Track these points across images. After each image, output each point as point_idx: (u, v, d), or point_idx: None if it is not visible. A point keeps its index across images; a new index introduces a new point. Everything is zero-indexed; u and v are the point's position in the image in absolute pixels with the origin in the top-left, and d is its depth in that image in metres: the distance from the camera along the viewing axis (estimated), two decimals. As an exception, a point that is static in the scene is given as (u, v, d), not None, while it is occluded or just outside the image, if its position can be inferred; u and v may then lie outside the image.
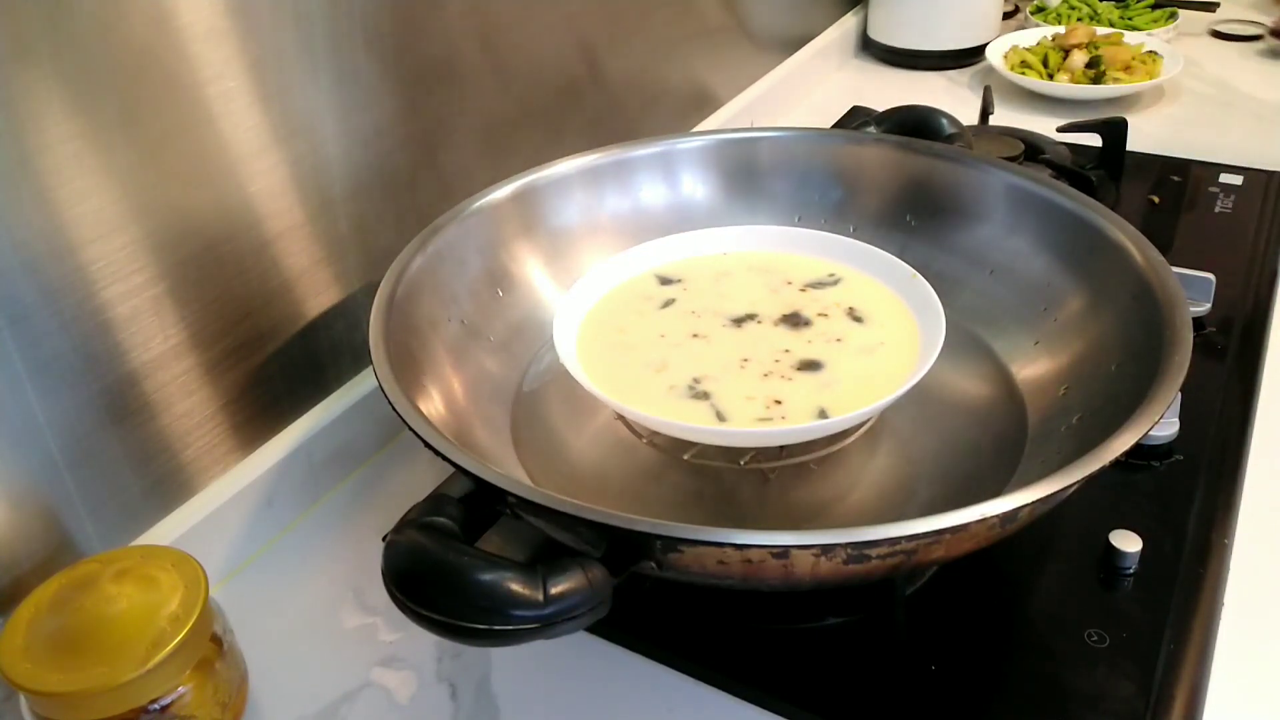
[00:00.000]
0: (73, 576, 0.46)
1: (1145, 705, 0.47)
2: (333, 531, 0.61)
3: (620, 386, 0.53)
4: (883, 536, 0.39)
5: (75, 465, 0.50)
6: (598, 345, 0.57)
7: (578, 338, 0.57)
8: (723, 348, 0.56)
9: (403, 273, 0.57)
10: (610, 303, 0.60)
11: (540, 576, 0.38)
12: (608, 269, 0.62)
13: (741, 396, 0.52)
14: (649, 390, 0.53)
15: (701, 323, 0.58)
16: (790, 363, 0.55)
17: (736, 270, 0.63)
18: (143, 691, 0.43)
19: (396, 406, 0.47)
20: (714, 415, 0.51)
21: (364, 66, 0.60)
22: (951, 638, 0.51)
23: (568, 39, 0.79)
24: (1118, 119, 0.92)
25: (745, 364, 0.55)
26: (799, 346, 0.56)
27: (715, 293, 0.61)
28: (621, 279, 0.62)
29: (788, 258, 0.64)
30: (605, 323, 0.59)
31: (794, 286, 0.61)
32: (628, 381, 0.54)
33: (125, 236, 0.49)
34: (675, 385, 0.53)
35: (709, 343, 0.57)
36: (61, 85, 0.45)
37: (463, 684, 0.51)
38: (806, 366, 0.54)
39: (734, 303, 0.60)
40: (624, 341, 0.57)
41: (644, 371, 0.55)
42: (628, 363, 0.55)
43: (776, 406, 0.52)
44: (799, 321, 0.58)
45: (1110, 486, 0.59)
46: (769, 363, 0.55)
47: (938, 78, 1.22)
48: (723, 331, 0.57)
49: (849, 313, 0.58)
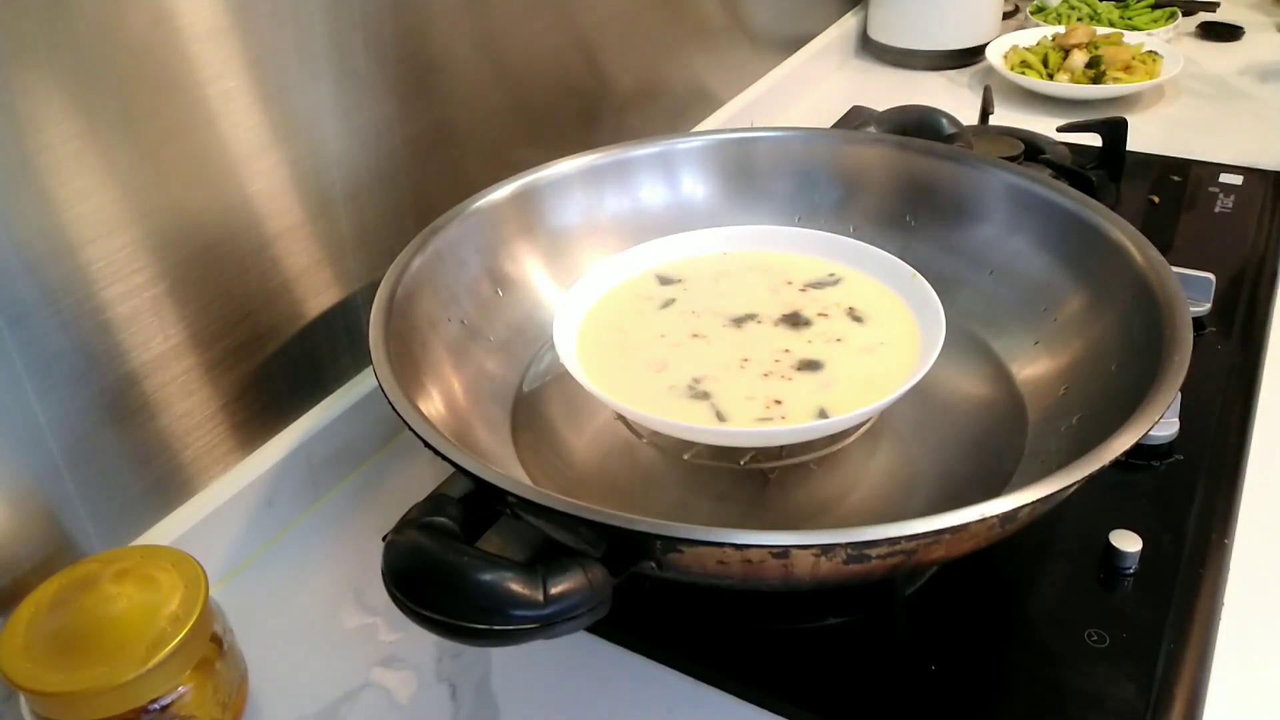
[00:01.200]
0: (73, 576, 0.46)
1: (1145, 705, 0.47)
2: (333, 531, 0.61)
3: (620, 386, 0.53)
4: (883, 536, 0.39)
5: (75, 465, 0.50)
6: (598, 345, 0.57)
7: (578, 337, 0.57)
8: (723, 348, 0.56)
9: (403, 273, 0.57)
10: (610, 303, 0.60)
11: (540, 576, 0.38)
12: (607, 268, 0.62)
13: (741, 396, 0.52)
14: (649, 390, 0.53)
15: (701, 323, 0.58)
16: (790, 363, 0.55)
17: (736, 270, 0.63)
18: (143, 691, 0.43)
19: (396, 406, 0.47)
20: (714, 415, 0.51)
21: (364, 66, 0.60)
22: (951, 638, 0.51)
23: (568, 39, 0.78)
24: (1118, 119, 0.92)
25: (745, 364, 0.55)
26: (799, 346, 0.56)
27: (715, 292, 0.61)
28: (621, 279, 0.62)
29: (788, 258, 0.64)
30: (605, 323, 0.59)
31: (794, 286, 0.61)
32: (628, 381, 0.54)
33: (125, 236, 0.49)
34: (675, 385, 0.53)
35: (709, 343, 0.56)
36: (61, 85, 0.45)
37: (463, 684, 0.51)
38: (806, 366, 0.54)
39: (734, 303, 0.60)
40: (624, 341, 0.57)
41: (644, 371, 0.54)
42: (628, 363, 0.55)
43: (776, 406, 0.52)
44: (799, 321, 0.58)
45: (1110, 486, 0.59)
46: (769, 363, 0.55)
47: (938, 78, 1.22)
48: (723, 331, 0.57)
49: (849, 313, 0.58)
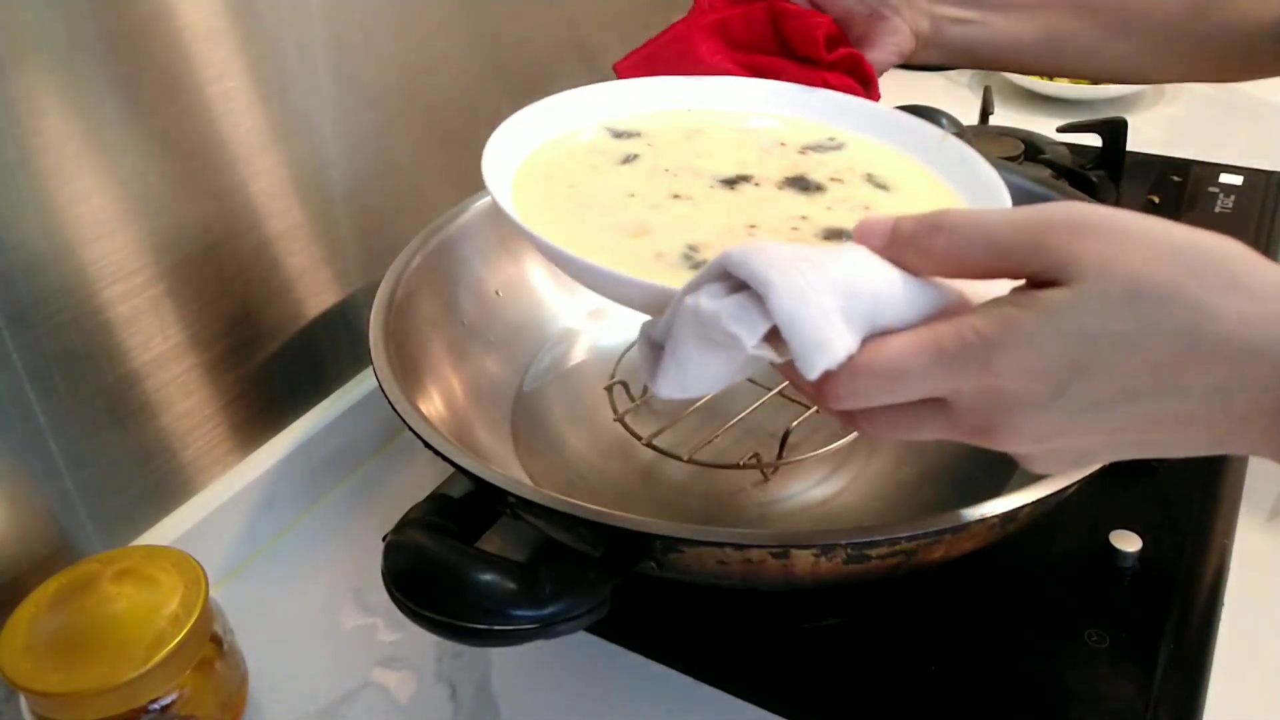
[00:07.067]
0: (73, 576, 0.46)
1: (1145, 705, 0.47)
2: (333, 531, 0.61)
3: (591, 252, 0.39)
4: (883, 536, 0.39)
5: (75, 465, 0.50)
6: (543, 203, 0.44)
7: (513, 192, 0.45)
8: (717, 212, 0.45)
9: (403, 273, 0.57)
10: (548, 155, 0.48)
11: (540, 577, 0.38)
12: (537, 112, 0.50)
13: None
14: (630, 258, 0.41)
15: (680, 182, 0.47)
16: (812, 230, 0.43)
17: (711, 129, 0.52)
18: (143, 691, 0.43)
19: (396, 406, 0.47)
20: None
21: (364, 66, 0.60)
22: (951, 638, 0.51)
23: (568, 39, 0.78)
24: (1118, 119, 0.92)
25: (753, 230, 0.43)
26: (817, 214, 0.45)
27: (689, 151, 0.50)
28: (559, 130, 0.50)
29: (772, 117, 0.53)
30: (548, 177, 0.47)
31: (789, 149, 0.50)
32: (598, 246, 0.42)
33: (125, 236, 0.49)
34: (664, 253, 0.41)
35: (697, 205, 0.45)
36: (61, 85, 0.45)
37: (463, 684, 0.51)
38: (835, 236, 0.43)
39: (717, 162, 0.49)
40: (577, 198, 0.45)
41: (617, 236, 0.43)
42: (591, 224, 0.43)
43: None
44: (808, 186, 0.47)
45: (1110, 486, 0.59)
46: (785, 230, 0.43)
47: (938, 78, 1.21)
48: (711, 193, 0.46)
49: (868, 179, 0.48)
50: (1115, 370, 0.28)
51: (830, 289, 0.30)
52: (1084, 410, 0.29)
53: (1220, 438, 0.30)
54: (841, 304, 0.30)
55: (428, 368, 0.55)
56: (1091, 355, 0.28)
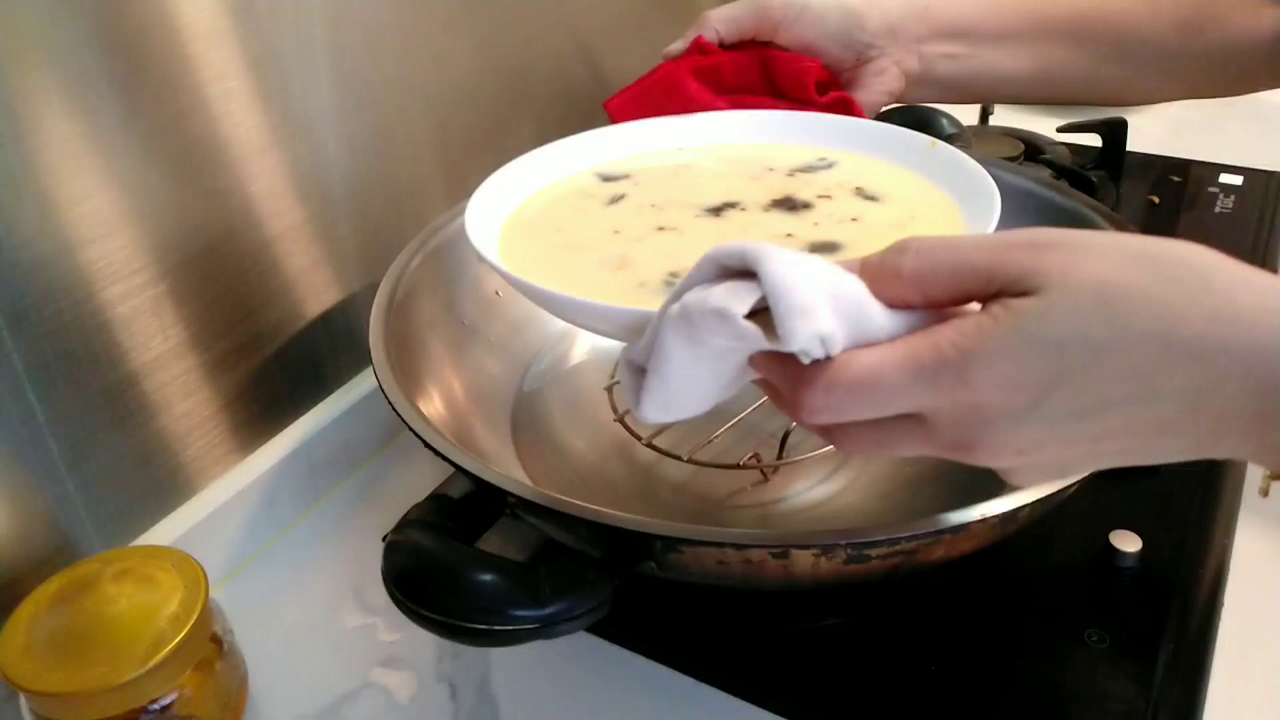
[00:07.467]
0: (73, 576, 0.46)
1: (1145, 705, 0.47)
2: (333, 531, 0.61)
3: (572, 288, 0.39)
4: (883, 536, 0.39)
5: (75, 465, 0.50)
6: (530, 247, 0.45)
7: (499, 243, 0.45)
8: (701, 238, 0.45)
9: (403, 273, 0.57)
10: (537, 205, 0.49)
11: (540, 576, 0.38)
12: (525, 165, 0.51)
13: None
14: (613, 291, 0.41)
15: (666, 215, 0.47)
16: (798, 246, 0.43)
17: (700, 162, 0.52)
18: (143, 691, 0.43)
19: (396, 406, 0.47)
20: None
21: (364, 66, 0.60)
22: (951, 638, 0.51)
23: (568, 39, 0.79)
24: (1118, 119, 0.92)
25: None
26: (804, 230, 0.45)
27: (677, 184, 0.50)
28: (548, 179, 0.51)
29: (761, 147, 0.53)
30: (535, 224, 0.47)
31: (778, 173, 0.51)
32: (580, 282, 0.42)
33: (125, 237, 0.49)
34: (646, 282, 0.41)
35: (681, 235, 0.45)
36: (61, 85, 0.45)
37: (463, 684, 0.51)
38: (821, 249, 0.43)
39: (704, 192, 0.49)
40: (564, 242, 0.45)
41: (599, 272, 0.43)
42: (576, 263, 0.44)
43: None
44: (795, 205, 0.47)
45: (1110, 486, 0.59)
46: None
47: (938, 78, 1.21)
48: (696, 222, 0.46)
49: (857, 192, 0.48)
50: (1092, 379, 0.28)
51: (821, 276, 0.30)
52: (1063, 421, 0.29)
53: (1199, 442, 0.30)
54: (830, 294, 0.29)
55: (428, 368, 0.55)
56: (1067, 364, 0.28)
